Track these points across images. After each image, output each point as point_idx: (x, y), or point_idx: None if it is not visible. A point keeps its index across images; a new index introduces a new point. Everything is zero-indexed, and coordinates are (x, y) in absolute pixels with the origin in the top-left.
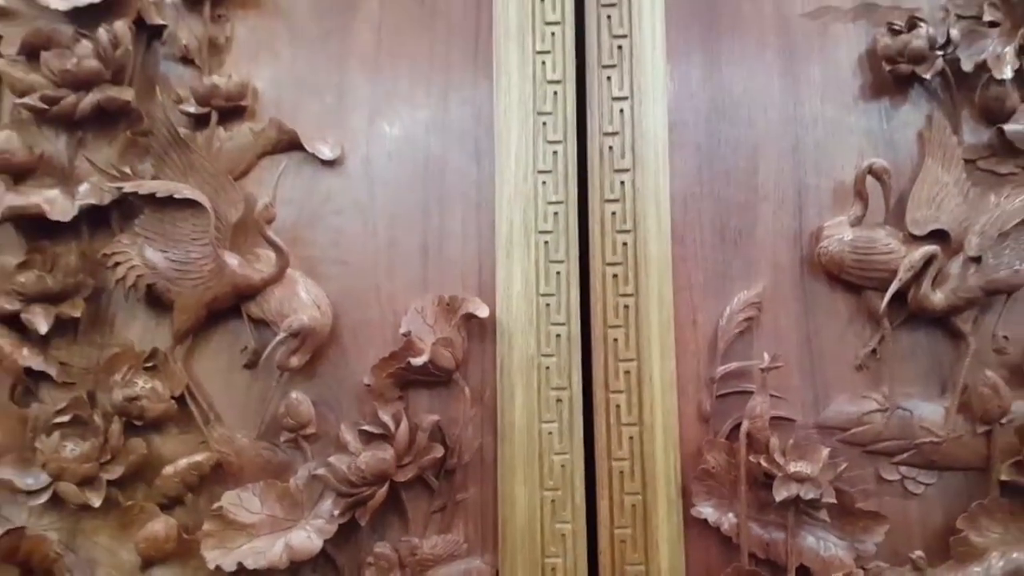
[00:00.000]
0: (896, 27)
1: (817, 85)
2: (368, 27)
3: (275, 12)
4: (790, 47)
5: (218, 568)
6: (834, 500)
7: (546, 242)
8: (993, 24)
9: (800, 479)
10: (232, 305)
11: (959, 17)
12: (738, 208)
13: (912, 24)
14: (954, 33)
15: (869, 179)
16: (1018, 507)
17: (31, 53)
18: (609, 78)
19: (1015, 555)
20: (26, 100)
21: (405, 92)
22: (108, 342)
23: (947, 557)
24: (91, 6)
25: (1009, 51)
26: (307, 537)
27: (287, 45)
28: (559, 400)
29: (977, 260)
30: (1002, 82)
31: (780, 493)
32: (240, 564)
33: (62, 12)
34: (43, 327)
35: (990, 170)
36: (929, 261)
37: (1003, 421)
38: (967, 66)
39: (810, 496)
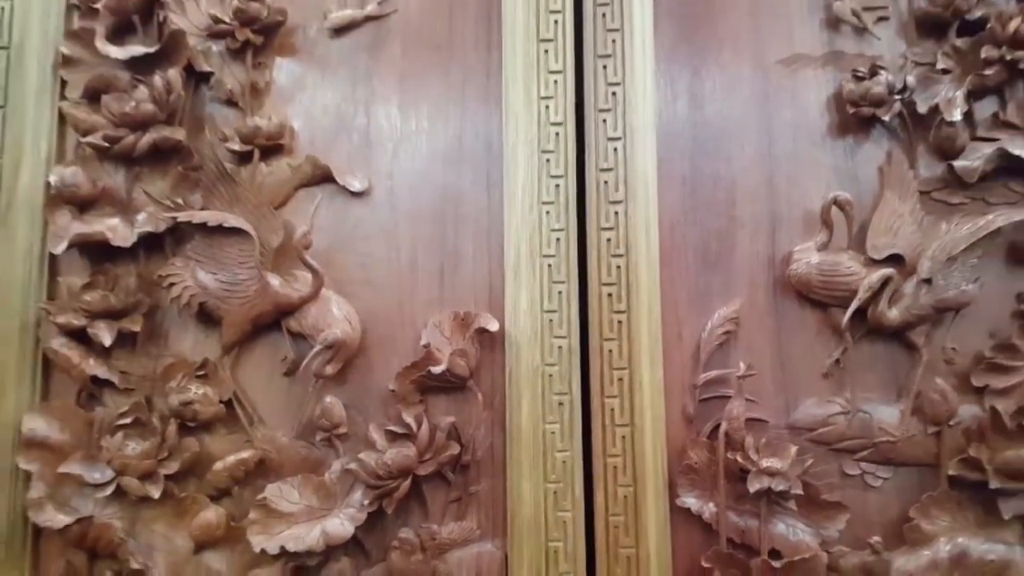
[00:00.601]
0: (860, 74)
1: (789, 125)
2: (391, 72)
3: (309, 59)
4: (765, 91)
5: (263, 551)
6: (801, 492)
7: (549, 265)
8: (945, 71)
9: (772, 473)
10: (273, 320)
11: (916, 64)
12: (718, 234)
13: (874, 71)
14: (910, 80)
15: (834, 209)
16: (964, 499)
17: (93, 96)
18: (605, 120)
19: (960, 540)
20: (90, 139)
21: (424, 131)
22: (163, 353)
23: (902, 543)
24: (146, 55)
25: (959, 96)
26: (340, 524)
27: (320, 88)
28: (561, 404)
29: (928, 281)
30: (953, 123)
31: (754, 485)
32: (282, 548)
33: (120, 60)
34: (107, 340)
35: (942, 200)
36: (886, 282)
37: (951, 423)
38: (922, 109)
39: (780, 488)
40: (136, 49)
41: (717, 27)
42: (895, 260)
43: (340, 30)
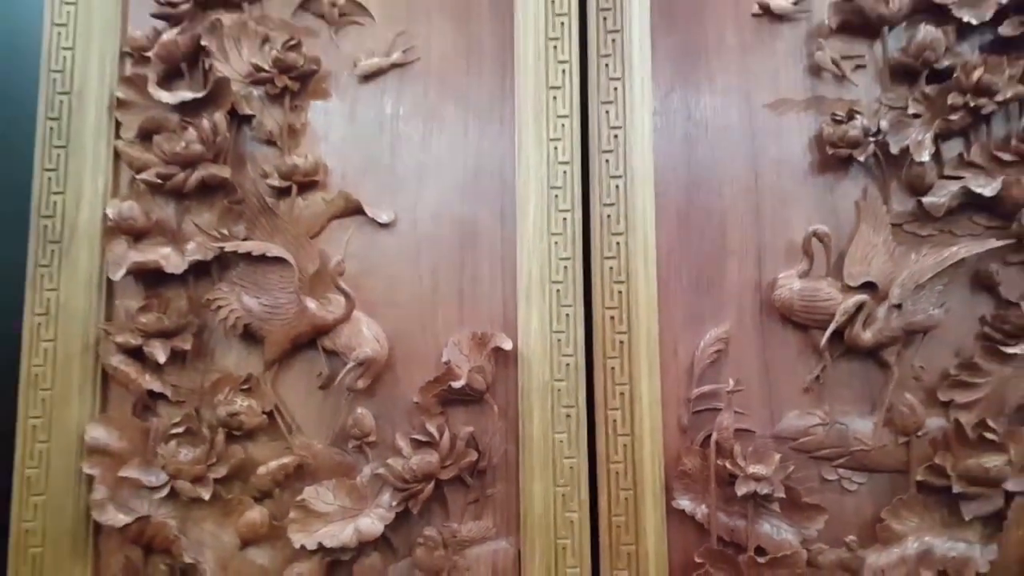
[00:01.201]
0: (838, 117)
1: (774, 163)
2: (415, 115)
3: (340, 103)
4: (752, 132)
5: (302, 547)
6: (784, 495)
7: (557, 290)
8: (916, 116)
9: (757, 478)
10: (310, 340)
11: (890, 108)
12: (710, 262)
13: (851, 115)
14: (884, 123)
15: (814, 241)
16: (930, 502)
17: (145, 137)
18: (607, 160)
19: (926, 538)
20: (143, 176)
21: (444, 168)
22: (210, 368)
23: (874, 541)
24: (194, 100)
25: (928, 138)
26: (371, 523)
27: (350, 129)
28: (568, 415)
29: (899, 307)
30: (922, 163)
31: (741, 489)
32: (319, 544)
33: (170, 104)
34: (161, 357)
35: (912, 233)
36: (860, 307)
37: (919, 434)
38: (894, 149)
39: (765, 492)
40: (184, 94)
41: (710, 74)
42: (869, 287)
43: (368, 77)
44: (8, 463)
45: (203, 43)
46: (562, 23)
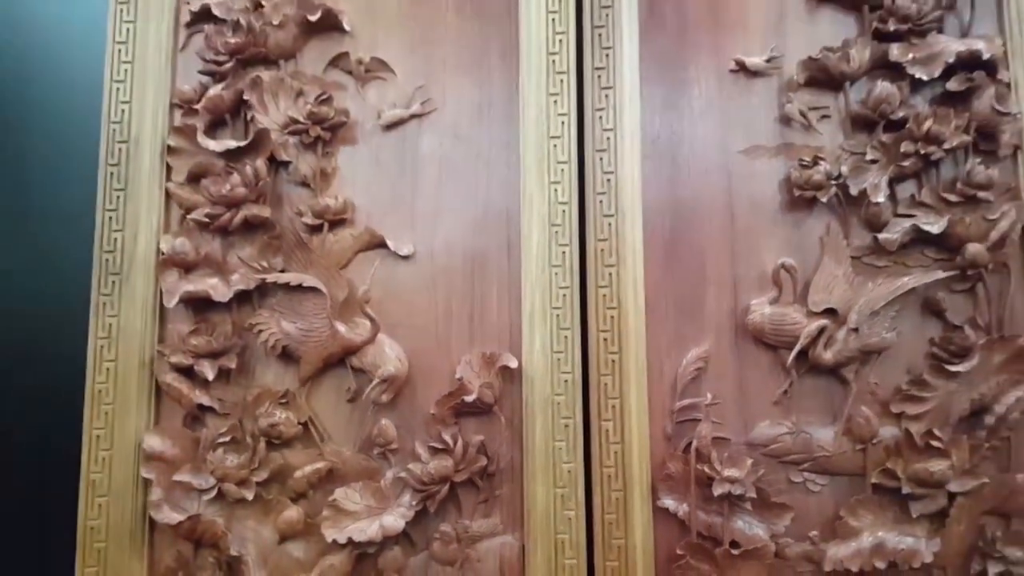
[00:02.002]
0: (804, 163)
1: (748, 203)
2: (432, 159)
3: (366, 149)
4: (729, 175)
5: (333, 541)
6: (755, 495)
7: (557, 315)
8: (874, 161)
9: (732, 480)
10: (340, 359)
11: (851, 154)
12: (691, 290)
13: (815, 161)
14: (844, 168)
15: (783, 272)
16: (884, 501)
17: (194, 180)
18: (601, 201)
19: (879, 533)
20: (193, 215)
21: (458, 206)
22: (252, 384)
23: (834, 536)
24: (237, 148)
25: (883, 181)
26: (394, 520)
27: (375, 173)
28: (566, 426)
29: (856, 330)
30: (878, 203)
31: (718, 490)
32: (349, 538)
33: (216, 151)
34: (210, 375)
35: (870, 264)
36: (822, 330)
37: (874, 441)
38: (854, 191)
39: (739, 492)
40: (229, 142)
41: (692, 123)
42: (830, 313)
43: (390, 126)
44: (75, 469)
45: (245, 97)
46: (561, 80)
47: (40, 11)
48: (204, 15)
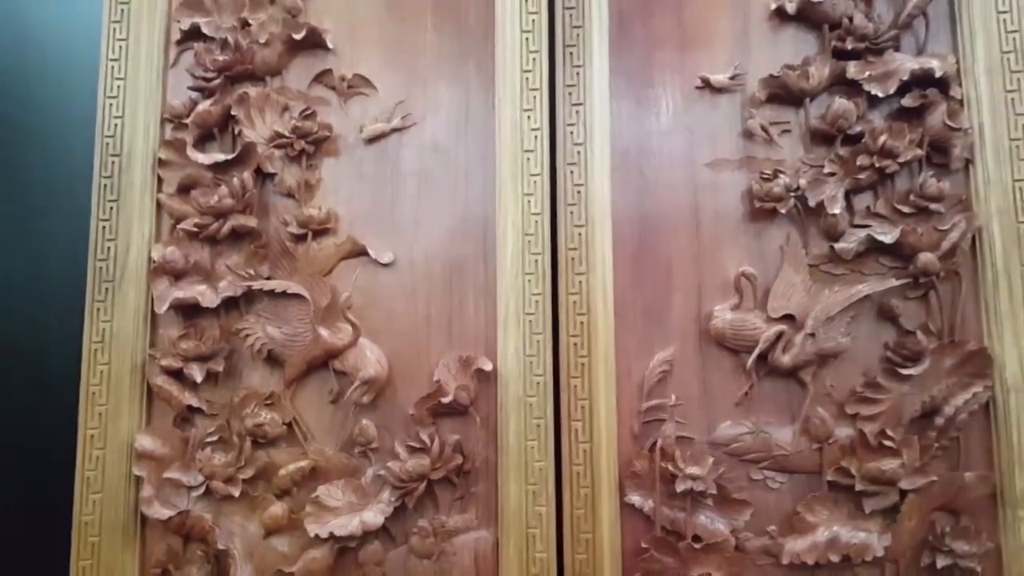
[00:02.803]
0: (765, 175)
1: (712, 214)
2: (411, 171)
3: (348, 161)
4: (695, 187)
5: (316, 536)
6: (716, 492)
7: (530, 320)
8: (831, 174)
9: (694, 478)
10: (323, 362)
11: (810, 167)
12: (658, 297)
13: (776, 174)
14: (803, 181)
15: (744, 280)
16: (839, 498)
17: (184, 191)
18: (572, 212)
19: (834, 528)
20: (183, 225)
21: (436, 216)
22: (239, 386)
23: (792, 531)
24: (225, 160)
25: (840, 193)
26: (373, 515)
27: (357, 184)
28: (538, 426)
29: (813, 335)
30: (835, 214)
31: (681, 487)
32: (330, 533)
33: (205, 164)
34: (199, 378)
35: (827, 272)
36: (780, 335)
37: (830, 441)
38: (812, 203)
39: (701, 489)
40: (217, 156)
41: (659, 137)
42: (789, 318)
43: (372, 140)
44: (71, 467)
45: (233, 112)
46: (534, 96)
47: (36, 30)
48: (194, 33)
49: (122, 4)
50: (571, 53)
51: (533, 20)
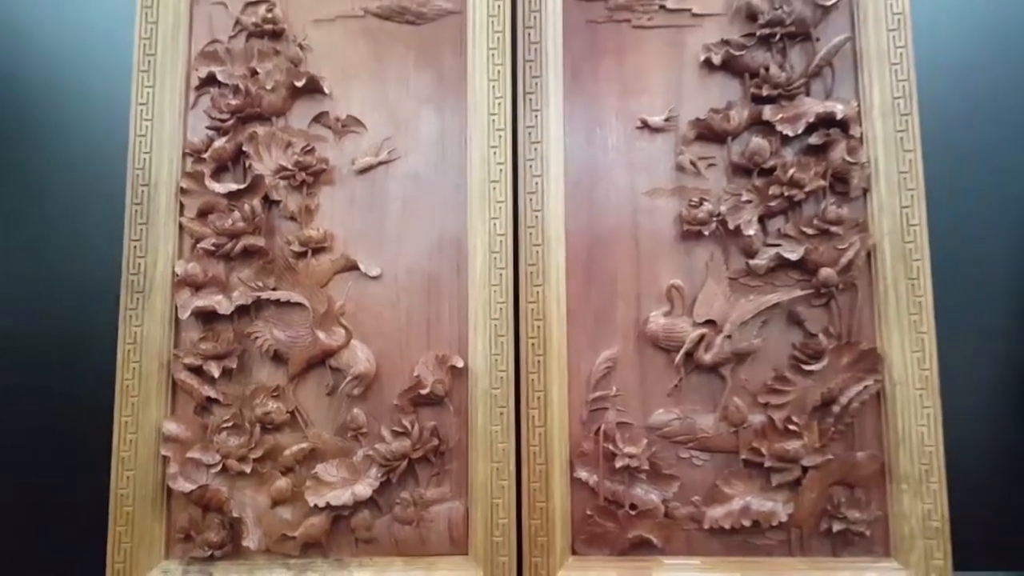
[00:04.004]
0: (693, 203)
1: (650, 234)
2: (396, 198)
3: (342, 189)
4: (635, 211)
5: (315, 505)
6: (650, 468)
7: (495, 325)
8: (748, 201)
9: (631, 456)
10: (321, 360)
11: (731, 195)
12: (603, 305)
13: (701, 201)
14: (723, 208)
15: (674, 291)
16: (752, 473)
17: (202, 215)
18: (531, 232)
19: (747, 499)
20: (202, 245)
21: (417, 236)
22: (249, 381)
23: (713, 501)
24: (238, 189)
25: (754, 218)
26: (363, 488)
27: (349, 209)
28: (502, 413)
29: (730, 337)
30: (750, 235)
31: (620, 464)
32: (327, 503)
33: (221, 192)
34: (216, 373)
35: (745, 284)
36: (702, 337)
37: (744, 426)
38: (731, 226)
39: (636, 465)
40: (231, 185)
41: (606, 169)
42: (711, 323)
43: (362, 171)
44: (108, 448)
45: (244, 148)
46: (500, 135)
47: (74, 77)
48: (210, 80)
49: (148, 55)
50: (531, 99)
51: (499, 71)
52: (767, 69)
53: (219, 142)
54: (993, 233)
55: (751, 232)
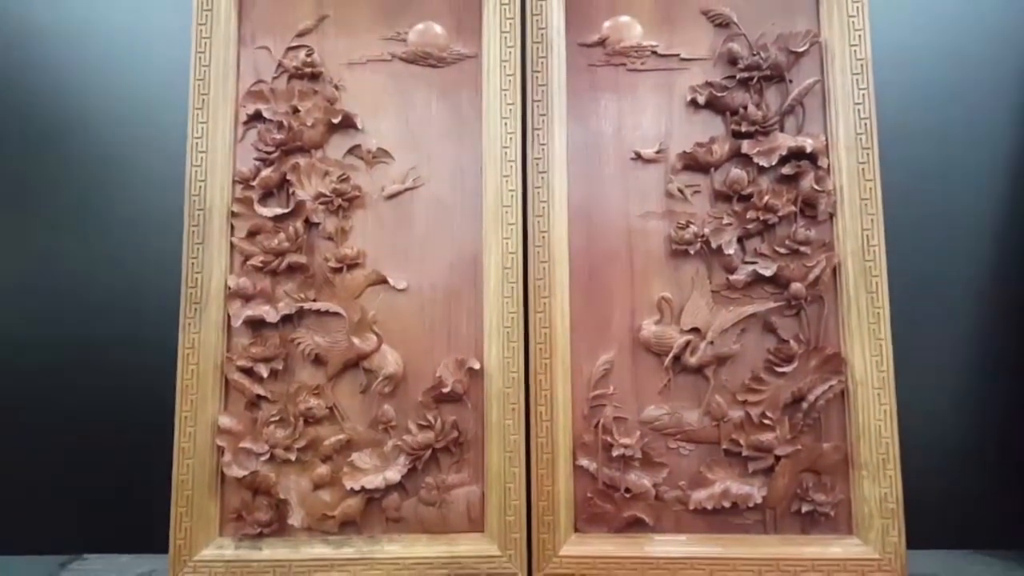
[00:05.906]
0: (680, 225)
1: (643, 253)
2: (422, 220)
3: (374, 213)
4: (629, 233)
5: (351, 489)
6: (642, 457)
7: (508, 332)
8: (729, 224)
9: (626, 446)
10: (355, 363)
11: (713, 218)
12: (602, 314)
13: (688, 224)
14: (707, 230)
15: (663, 302)
16: (731, 461)
17: (251, 235)
18: (539, 251)
19: (727, 483)
20: (251, 262)
21: (440, 254)
22: (293, 380)
23: (698, 485)
24: (283, 213)
25: (734, 239)
26: (393, 474)
27: (379, 231)
28: (513, 409)
29: (712, 343)
30: (730, 254)
31: (616, 453)
32: (362, 486)
33: (268, 216)
34: (264, 374)
35: (726, 296)
36: (688, 343)
37: (725, 420)
38: (714, 245)
39: (630, 454)
40: (276, 210)
41: (604, 196)
42: (695, 330)
43: (391, 196)
44: (171, 439)
45: (287, 177)
46: (511, 165)
47: (137, 114)
48: (256, 117)
49: (203, 95)
50: (538, 134)
51: (510, 109)
52: (746, 108)
53: (265, 171)
54: (943, 252)
55: (731, 251)
